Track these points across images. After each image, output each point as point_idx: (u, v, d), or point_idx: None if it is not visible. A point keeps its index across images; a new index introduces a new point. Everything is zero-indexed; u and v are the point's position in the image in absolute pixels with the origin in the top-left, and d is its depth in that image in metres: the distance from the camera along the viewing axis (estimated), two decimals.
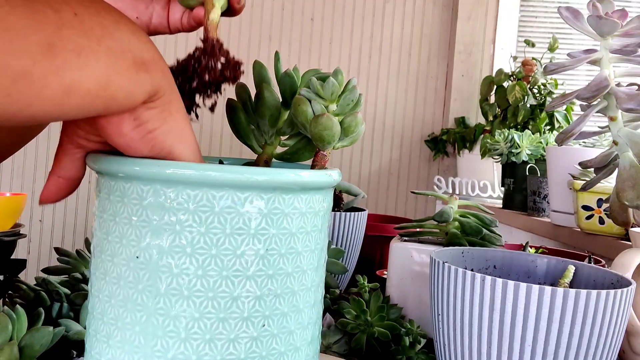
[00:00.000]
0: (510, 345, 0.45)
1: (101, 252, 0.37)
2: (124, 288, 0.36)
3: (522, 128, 1.93)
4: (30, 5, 0.28)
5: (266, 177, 0.35)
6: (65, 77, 0.29)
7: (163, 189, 0.35)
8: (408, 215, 2.56)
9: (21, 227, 0.91)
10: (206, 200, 0.34)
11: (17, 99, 0.28)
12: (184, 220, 0.34)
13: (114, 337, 0.36)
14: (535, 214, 1.45)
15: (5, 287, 0.70)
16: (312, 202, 0.38)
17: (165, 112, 0.35)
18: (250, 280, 0.36)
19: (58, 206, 2.49)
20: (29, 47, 0.28)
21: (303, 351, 0.39)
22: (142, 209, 0.35)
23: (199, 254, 0.35)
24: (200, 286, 0.35)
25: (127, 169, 0.35)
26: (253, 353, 0.36)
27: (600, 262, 0.81)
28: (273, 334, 0.37)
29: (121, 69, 0.32)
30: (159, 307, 0.35)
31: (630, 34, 0.62)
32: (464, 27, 2.50)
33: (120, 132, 0.35)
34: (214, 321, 0.35)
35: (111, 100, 0.32)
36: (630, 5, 2.35)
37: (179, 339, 0.35)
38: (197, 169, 0.34)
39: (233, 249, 0.35)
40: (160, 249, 0.35)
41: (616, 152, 0.66)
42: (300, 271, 0.38)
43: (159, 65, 0.35)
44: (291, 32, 2.56)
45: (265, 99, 0.46)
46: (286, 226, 0.36)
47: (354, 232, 0.86)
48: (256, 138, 0.48)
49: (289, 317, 0.37)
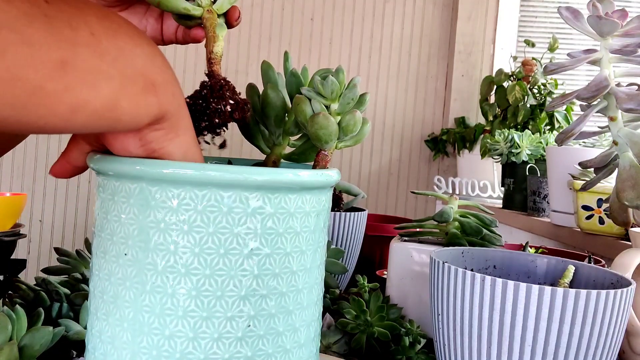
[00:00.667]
0: (510, 345, 0.45)
1: (96, 249, 0.38)
2: (114, 285, 0.36)
3: (522, 128, 1.93)
4: (48, 22, 0.29)
5: (264, 177, 0.35)
6: (74, 95, 0.30)
7: (149, 188, 0.35)
8: (408, 215, 2.56)
9: (21, 227, 0.91)
10: (214, 200, 0.34)
11: (32, 112, 0.29)
12: (168, 219, 0.35)
13: (106, 333, 0.37)
14: (535, 214, 1.45)
15: (5, 287, 0.70)
16: (308, 202, 0.38)
17: (171, 134, 0.36)
18: (234, 279, 0.35)
19: (58, 206, 2.49)
20: (44, 62, 0.28)
21: (294, 353, 0.39)
22: (129, 207, 0.35)
23: (182, 252, 0.35)
24: (184, 284, 0.35)
25: (117, 167, 0.36)
26: (238, 353, 0.36)
27: (600, 262, 0.81)
28: (259, 335, 0.36)
29: (130, 93, 0.32)
30: (145, 304, 0.35)
31: (630, 34, 0.62)
32: (464, 27, 2.50)
33: (125, 149, 0.36)
34: (198, 319, 0.35)
35: (116, 122, 0.33)
36: (630, 5, 2.35)
37: (163, 336, 0.35)
38: (196, 168, 0.34)
39: (216, 247, 0.35)
40: (146, 246, 0.35)
41: (616, 152, 0.66)
42: (290, 272, 0.38)
43: (170, 89, 0.35)
44: (291, 32, 2.56)
45: (270, 99, 0.45)
46: (272, 226, 0.36)
47: (354, 232, 0.86)
48: (264, 139, 0.48)
49: (277, 318, 0.37)
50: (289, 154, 0.48)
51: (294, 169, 0.37)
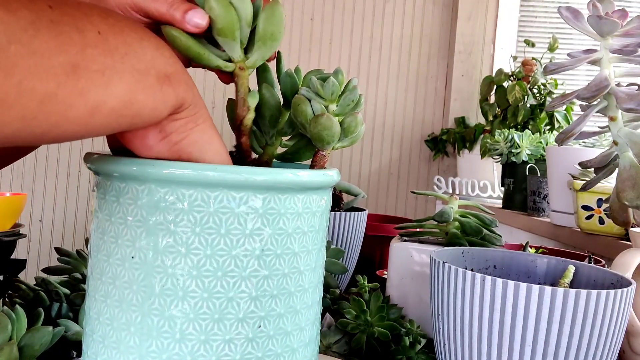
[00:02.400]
0: (511, 345, 0.45)
1: (97, 252, 0.37)
2: (119, 288, 0.36)
3: (522, 128, 1.93)
4: (54, 28, 0.28)
5: (264, 177, 0.35)
6: (90, 97, 0.29)
7: (158, 190, 0.34)
8: (408, 215, 2.56)
9: (21, 227, 0.91)
10: (201, 200, 0.34)
11: (44, 121, 0.28)
12: (179, 221, 0.34)
13: (110, 338, 0.36)
14: (535, 214, 1.45)
15: (5, 287, 0.70)
16: (309, 202, 0.38)
17: (191, 123, 0.36)
18: (245, 280, 0.35)
19: (58, 206, 2.49)
20: (54, 69, 0.28)
21: (300, 353, 0.39)
22: (137, 209, 0.35)
23: (193, 254, 0.34)
24: (195, 287, 0.35)
25: (122, 168, 0.35)
26: (249, 354, 0.36)
27: (600, 262, 0.81)
28: (269, 335, 0.36)
29: (145, 86, 0.32)
30: (153, 307, 0.35)
31: (631, 34, 0.62)
32: (464, 27, 2.50)
33: (147, 145, 0.35)
34: (209, 322, 0.35)
35: (136, 117, 0.32)
36: (630, 5, 2.35)
37: (173, 339, 0.35)
38: (194, 168, 0.34)
39: (228, 249, 0.35)
40: (155, 249, 0.35)
41: (616, 152, 0.66)
42: (297, 272, 0.38)
43: (183, 78, 0.35)
44: (291, 32, 2.56)
45: (265, 99, 0.45)
46: (282, 226, 0.36)
47: (354, 232, 0.86)
48: (257, 138, 0.48)
49: (285, 318, 0.37)
50: (281, 154, 0.49)
51: (296, 169, 0.37)
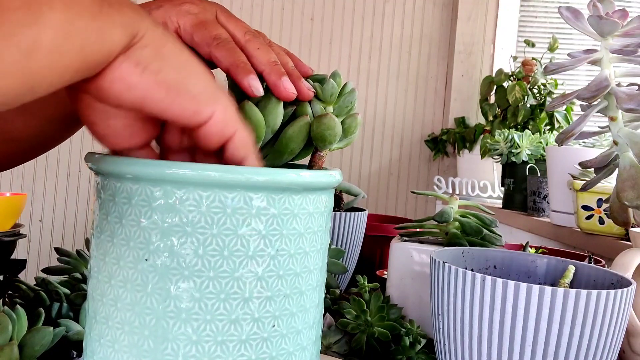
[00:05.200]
0: (511, 345, 0.45)
1: (104, 255, 0.37)
2: (132, 291, 0.35)
3: (522, 128, 1.93)
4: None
5: (266, 178, 0.35)
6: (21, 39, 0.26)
7: (174, 191, 0.34)
8: (408, 215, 2.56)
9: (21, 227, 0.91)
10: (218, 201, 0.34)
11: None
12: (196, 222, 0.34)
13: (121, 342, 0.35)
14: (535, 214, 1.45)
15: (5, 287, 0.70)
16: (318, 202, 0.38)
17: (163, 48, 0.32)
18: (261, 280, 0.36)
19: (58, 206, 2.49)
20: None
21: (309, 350, 0.39)
22: (151, 211, 0.35)
23: (210, 255, 0.34)
24: (212, 288, 0.35)
25: (133, 169, 0.35)
26: (264, 354, 0.36)
27: (600, 262, 0.81)
28: (282, 334, 0.37)
29: (81, 10, 0.28)
30: (169, 310, 0.34)
31: (631, 34, 0.62)
32: (463, 27, 2.50)
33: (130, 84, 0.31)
34: (226, 322, 0.35)
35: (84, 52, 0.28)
36: (630, 5, 2.35)
37: (190, 341, 0.34)
38: (195, 169, 0.34)
39: (245, 250, 0.35)
40: (170, 250, 0.34)
41: (616, 152, 0.66)
42: (308, 271, 0.38)
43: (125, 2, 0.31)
44: (291, 32, 2.56)
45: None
46: (295, 227, 0.37)
47: (354, 232, 0.86)
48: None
49: (297, 317, 0.37)
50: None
51: (299, 169, 0.38)
